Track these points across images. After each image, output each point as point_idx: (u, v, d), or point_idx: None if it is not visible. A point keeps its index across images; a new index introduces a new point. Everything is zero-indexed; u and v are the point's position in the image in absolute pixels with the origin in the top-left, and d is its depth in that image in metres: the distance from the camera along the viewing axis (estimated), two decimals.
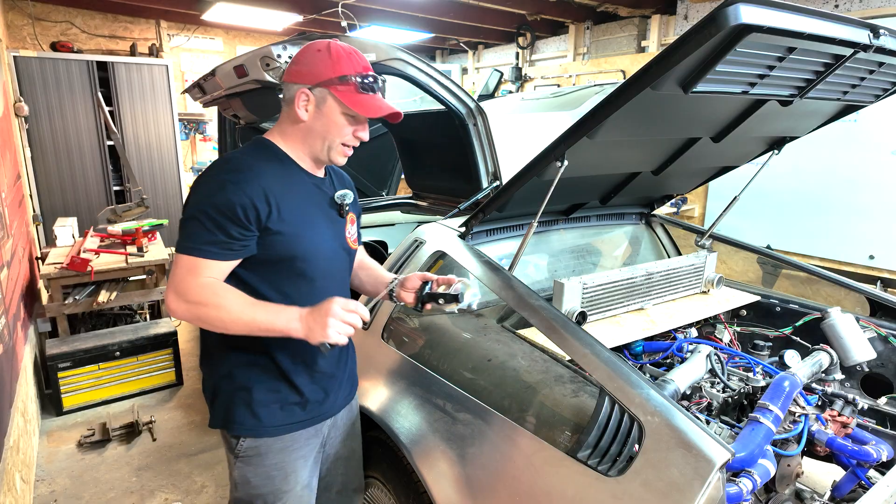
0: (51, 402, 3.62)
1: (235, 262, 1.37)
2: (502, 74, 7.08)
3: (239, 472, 1.50)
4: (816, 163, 4.39)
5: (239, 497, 1.53)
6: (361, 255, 1.75)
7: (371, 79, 1.38)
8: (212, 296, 1.29)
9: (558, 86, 6.44)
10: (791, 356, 2.05)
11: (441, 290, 1.50)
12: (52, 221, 4.72)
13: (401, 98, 3.76)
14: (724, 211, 2.50)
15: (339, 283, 1.58)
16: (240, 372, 1.47)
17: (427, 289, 1.52)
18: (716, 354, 1.87)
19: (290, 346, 1.45)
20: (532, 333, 1.84)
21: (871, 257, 4.20)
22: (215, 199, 1.31)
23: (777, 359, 2.08)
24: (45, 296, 4.16)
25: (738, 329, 2.50)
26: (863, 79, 1.71)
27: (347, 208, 1.55)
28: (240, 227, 1.32)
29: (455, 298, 1.46)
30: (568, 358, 1.60)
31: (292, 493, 1.53)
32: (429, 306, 1.52)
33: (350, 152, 1.46)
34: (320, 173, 1.53)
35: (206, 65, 6.44)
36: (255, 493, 1.50)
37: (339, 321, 1.26)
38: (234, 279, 1.37)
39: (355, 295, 1.74)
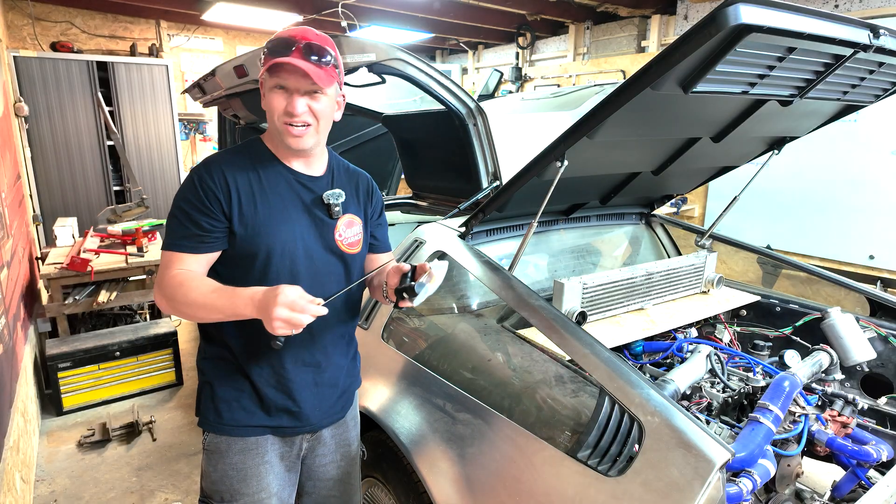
0: (51, 402, 3.62)
1: (211, 255, 1.38)
2: (502, 74, 7.07)
3: (203, 465, 1.53)
4: (816, 163, 4.39)
5: (202, 487, 1.55)
6: (389, 261, 1.64)
7: (281, 41, 1.30)
8: (180, 286, 1.31)
9: (558, 86, 6.44)
10: (791, 356, 2.05)
11: (410, 283, 1.39)
12: (52, 221, 4.72)
13: (401, 98, 3.76)
14: (724, 211, 2.50)
15: (324, 287, 1.45)
16: (209, 366, 1.49)
17: (407, 281, 1.40)
18: (716, 354, 1.87)
19: (254, 348, 1.44)
20: (532, 333, 1.84)
21: (871, 257, 4.20)
22: (185, 194, 1.37)
23: (777, 359, 2.08)
24: (45, 296, 4.16)
25: (738, 329, 2.50)
26: (863, 79, 1.71)
27: (339, 209, 1.47)
28: (207, 217, 1.34)
29: (412, 290, 1.37)
30: (568, 358, 1.60)
31: (251, 498, 1.49)
32: (402, 304, 1.41)
33: (298, 131, 1.34)
34: (312, 171, 1.46)
35: (206, 65, 6.43)
36: (214, 488, 1.51)
37: (284, 318, 1.17)
38: (212, 278, 1.39)
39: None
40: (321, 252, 1.47)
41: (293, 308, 1.18)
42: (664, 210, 4.30)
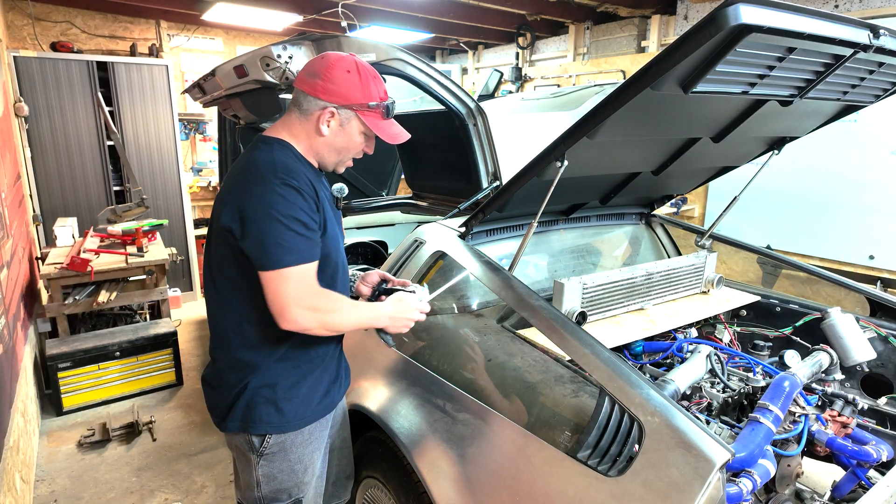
0: (51, 402, 3.62)
1: None
2: (502, 74, 7.07)
3: (263, 471, 1.52)
4: (816, 163, 4.38)
5: (262, 496, 1.55)
6: None
7: (393, 106, 1.49)
8: (332, 303, 1.41)
9: (558, 86, 6.43)
10: (791, 356, 2.05)
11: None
12: (52, 221, 4.71)
13: (401, 98, 3.75)
14: (724, 211, 2.50)
15: (345, 273, 1.65)
16: (261, 371, 1.49)
17: (384, 285, 1.70)
18: (716, 354, 1.87)
19: (326, 343, 1.56)
20: (532, 333, 1.84)
21: (871, 257, 4.20)
22: (292, 202, 1.35)
23: (777, 359, 2.08)
24: (45, 296, 4.16)
25: (738, 329, 2.50)
26: (863, 79, 1.71)
27: (341, 201, 1.65)
28: (315, 222, 1.40)
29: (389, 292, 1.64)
30: (568, 358, 1.60)
31: (310, 485, 1.59)
32: (383, 298, 1.63)
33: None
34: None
35: (206, 65, 6.42)
36: (281, 487, 1.54)
37: (412, 326, 1.56)
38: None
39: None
40: (342, 241, 1.64)
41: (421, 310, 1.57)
42: (664, 210, 4.30)
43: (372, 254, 3.90)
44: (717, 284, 2.45)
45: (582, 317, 1.97)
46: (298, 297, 1.33)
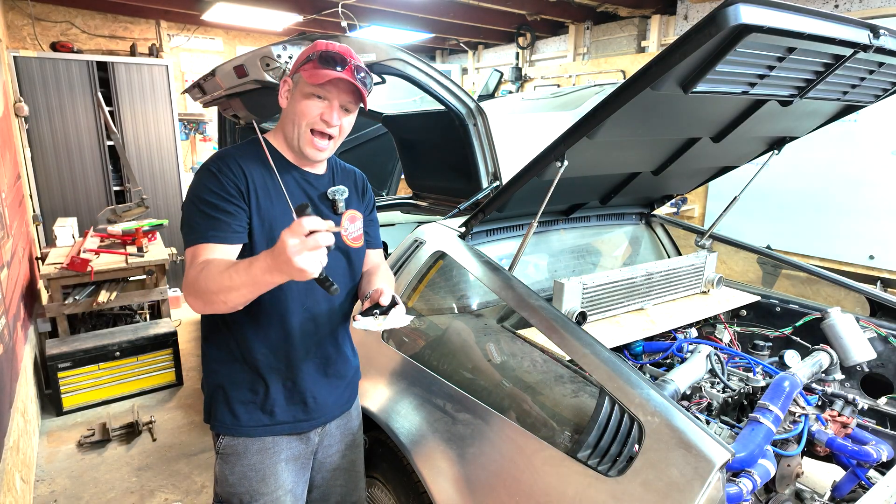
0: (51, 402, 3.62)
1: (237, 247, 1.35)
2: (502, 74, 7.06)
3: (218, 469, 1.51)
4: (816, 163, 4.38)
5: (218, 493, 1.53)
6: (378, 260, 1.69)
7: (334, 56, 1.34)
8: (200, 274, 1.23)
9: (558, 86, 6.43)
10: (791, 356, 2.05)
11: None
12: (52, 221, 4.71)
13: (401, 98, 3.76)
14: (724, 211, 2.50)
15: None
16: (221, 369, 1.48)
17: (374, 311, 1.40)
18: (716, 354, 1.87)
19: (269, 347, 1.45)
20: (532, 333, 1.84)
21: (871, 257, 4.20)
22: (206, 186, 1.35)
23: (777, 359, 2.08)
24: (45, 296, 4.16)
25: (738, 329, 2.50)
26: (863, 79, 1.71)
27: (342, 205, 1.52)
28: (233, 205, 1.34)
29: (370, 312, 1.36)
30: (568, 358, 1.60)
31: (270, 496, 1.50)
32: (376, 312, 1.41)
33: (322, 144, 1.40)
34: (316, 169, 1.52)
35: (206, 65, 6.42)
36: (232, 491, 1.50)
37: (297, 246, 1.04)
38: None
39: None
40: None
41: (296, 233, 1.05)
42: (664, 210, 4.30)
43: None
44: (717, 284, 2.45)
45: (582, 317, 1.97)
46: (185, 277, 1.30)
